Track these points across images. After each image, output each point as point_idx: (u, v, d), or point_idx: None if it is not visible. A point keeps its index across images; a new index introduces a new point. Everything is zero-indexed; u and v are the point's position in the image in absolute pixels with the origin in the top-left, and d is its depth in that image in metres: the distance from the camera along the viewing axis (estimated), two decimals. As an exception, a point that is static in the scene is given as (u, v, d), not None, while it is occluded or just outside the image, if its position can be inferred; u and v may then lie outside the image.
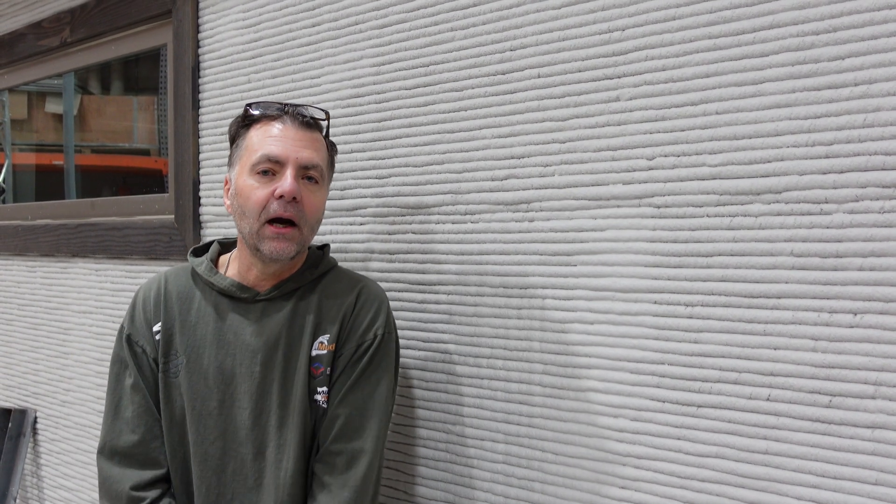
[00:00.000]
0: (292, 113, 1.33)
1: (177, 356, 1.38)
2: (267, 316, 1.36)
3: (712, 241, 1.14)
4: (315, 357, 1.35)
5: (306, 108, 1.36)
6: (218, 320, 1.37)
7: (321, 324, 1.36)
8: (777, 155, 1.08)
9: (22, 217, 2.67)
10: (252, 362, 1.35)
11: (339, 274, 1.42)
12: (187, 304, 1.40)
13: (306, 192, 1.31)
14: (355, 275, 1.44)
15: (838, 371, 1.04)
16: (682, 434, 1.18)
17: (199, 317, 1.38)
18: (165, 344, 1.39)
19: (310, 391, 1.34)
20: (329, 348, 1.35)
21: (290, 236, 1.31)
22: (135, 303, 1.44)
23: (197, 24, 1.96)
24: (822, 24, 1.05)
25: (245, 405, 1.35)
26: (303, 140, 1.32)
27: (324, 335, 1.36)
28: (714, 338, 1.14)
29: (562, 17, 1.29)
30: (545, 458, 1.34)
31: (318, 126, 1.36)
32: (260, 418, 1.34)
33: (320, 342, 1.35)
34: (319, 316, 1.36)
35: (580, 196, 1.28)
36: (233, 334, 1.36)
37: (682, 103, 1.17)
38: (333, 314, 1.36)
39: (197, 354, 1.37)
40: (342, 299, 1.37)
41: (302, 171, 1.31)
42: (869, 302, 1.01)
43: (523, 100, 1.34)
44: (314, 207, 1.33)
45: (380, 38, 1.56)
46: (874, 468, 1.01)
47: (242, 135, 1.36)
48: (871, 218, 1.01)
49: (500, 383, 1.39)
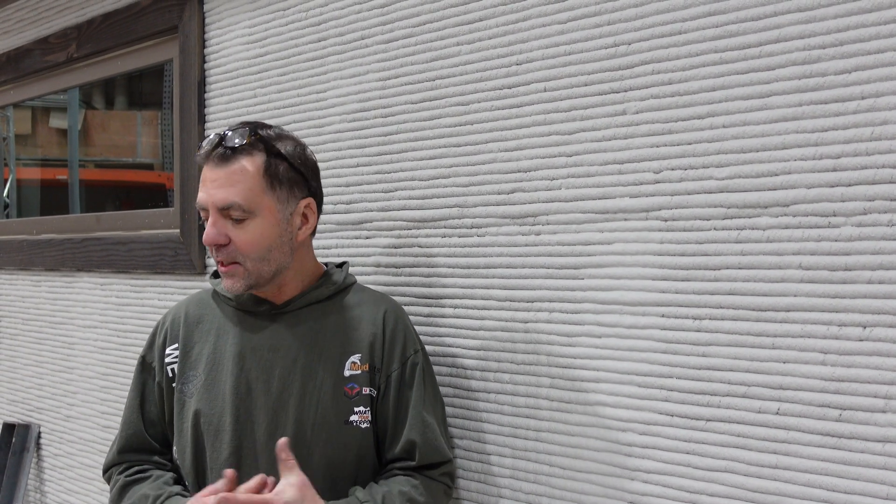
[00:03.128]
0: (210, 148, 1.30)
1: (195, 376, 1.37)
2: (285, 330, 1.36)
3: (720, 254, 1.14)
4: (350, 378, 1.33)
5: (226, 138, 1.30)
6: (237, 336, 1.37)
7: (349, 343, 1.35)
8: (784, 168, 1.08)
9: (27, 231, 2.67)
10: (269, 377, 1.34)
11: (360, 291, 1.42)
12: (207, 323, 1.40)
13: (234, 232, 1.29)
14: (376, 292, 1.44)
15: (848, 385, 1.03)
16: (691, 448, 1.17)
17: (219, 334, 1.38)
18: (182, 365, 1.39)
19: (343, 412, 1.32)
20: (363, 368, 1.34)
21: (234, 273, 1.31)
22: (155, 330, 1.46)
23: (203, 40, 1.97)
24: (828, 38, 1.05)
25: (261, 420, 1.33)
26: (218, 179, 1.29)
27: (354, 355, 1.34)
28: (722, 351, 1.14)
29: (568, 31, 1.30)
30: (553, 472, 1.33)
31: (244, 152, 1.29)
32: (275, 435, 1.31)
33: (353, 362, 1.34)
34: (347, 334, 1.35)
35: (587, 209, 1.28)
36: (250, 350, 1.35)
37: (689, 116, 1.17)
38: (362, 333, 1.35)
39: (216, 371, 1.36)
40: (369, 318, 1.37)
41: (223, 212, 1.29)
42: (878, 315, 1.01)
43: (529, 113, 1.35)
44: (247, 243, 1.29)
45: (386, 52, 1.56)
46: (885, 482, 1.01)
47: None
48: (879, 231, 1.01)
49: (506, 397, 1.39)
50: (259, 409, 1.33)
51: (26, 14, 2.57)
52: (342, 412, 1.32)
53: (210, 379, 1.36)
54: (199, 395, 1.36)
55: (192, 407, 1.36)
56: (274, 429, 1.32)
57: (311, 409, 1.32)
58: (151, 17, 2.11)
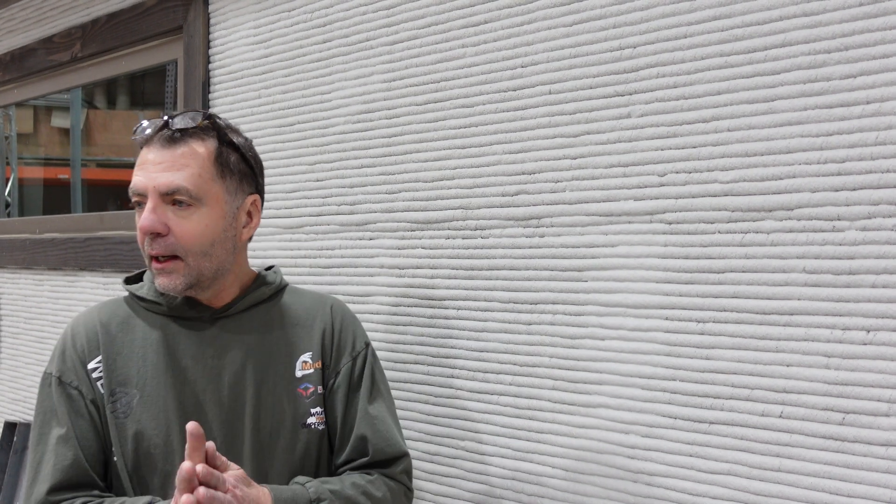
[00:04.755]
0: (157, 129, 1.17)
1: (125, 393, 1.19)
2: (227, 335, 1.23)
3: (724, 257, 1.14)
4: (302, 378, 1.24)
5: (176, 118, 1.18)
6: (169, 346, 1.21)
7: (298, 341, 1.26)
8: (789, 172, 1.09)
9: (30, 230, 2.67)
10: (218, 387, 1.20)
11: (297, 291, 1.33)
12: (130, 333, 1.22)
13: (176, 221, 1.15)
14: (313, 291, 1.36)
15: (851, 388, 1.04)
16: (694, 451, 1.17)
17: (147, 345, 1.21)
18: (109, 382, 1.19)
19: (299, 414, 1.23)
20: (315, 366, 1.26)
21: (172, 269, 1.17)
22: (63, 344, 1.23)
23: (208, 40, 1.98)
24: (833, 43, 1.05)
25: (215, 435, 1.19)
26: (164, 161, 1.15)
27: (305, 354, 1.26)
28: (726, 354, 1.14)
29: (573, 34, 1.30)
30: (555, 474, 1.33)
31: (194, 135, 1.18)
32: (233, 447, 1.19)
33: (303, 361, 1.25)
34: (295, 333, 1.26)
35: (591, 212, 1.28)
36: (191, 359, 1.21)
37: (694, 120, 1.17)
38: (311, 330, 1.27)
39: (150, 387, 1.19)
40: (316, 314, 1.29)
41: (165, 198, 1.15)
42: (882, 319, 1.01)
43: (534, 116, 1.35)
44: (189, 234, 1.16)
45: (391, 54, 1.57)
46: (888, 486, 1.01)
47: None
48: (883, 235, 1.02)
49: (509, 398, 1.39)
50: (212, 423, 1.19)
51: (31, 13, 2.57)
52: (299, 415, 1.23)
53: (146, 396, 1.19)
54: (137, 414, 1.18)
55: (131, 428, 1.17)
56: (231, 441, 1.19)
57: (267, 415, 1.21)
58: (156, 18, 2.12)
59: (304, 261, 1.73)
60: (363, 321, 1.62)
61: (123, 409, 1.19)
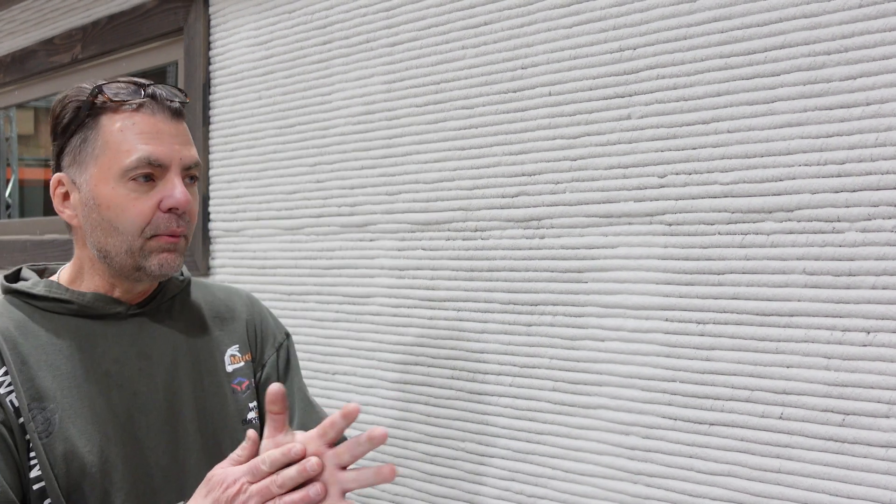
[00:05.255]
0: (160, 98, 1.06)
1: (42, 409, 1.00)
2: (147, 332, 1.09)
3: (724, 258, 1.15)
4: (234, 372, 1.16)
5: (168, 90, 1.08)
6: (83, 350, 1.05)
7: (222, 335, 1.17)
8: (789, 174, 1.09)
9: (30, 232, 2.68)
10: (151, 389, 1.07)
11: (203, 284, 1.23)
12: (32, 340, 1.03)
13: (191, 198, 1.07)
14: (222, 284, 1.28)
15: (851, 389, 1.04)
16: (694, 452, 1.17)
17: (55, 352, 1.03)
18: (20, 397, 0.99)
19: (240, 410, 1.14)
20: (245, 359, 1.17)
21: (180, 247, 1.07)
22: None
23: (208, 42, 1.98)
24: (833, 45, 1.06)
25: (154, 444, 1.05)
26: (180, 135, 1.07)
27: (231, 347, 1.17)
28: (726, 355, 1.14)
29: (573, 35, 1.30)
30: (555, 475, 1.33)
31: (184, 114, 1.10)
32: (178, 452, 1.07)
33: (232, 355, 1.16)
34: (216, 327, 1.17)
35: (591, 213, 1.28)
36: (113, 362, 1.06)
37: (694, 122, 1.17)
38: (232, 323, 1.19)
39: (71, 398, 1.02)
40: (234, 307, 1.21)
41: (185, 173, 1.07)
42: (882, 320, 1.02)
43: (534, 117, 1.35)
44: (195, 212, 1.08)
45: (391, 55, 1.57)
46: (889, 487, 1.01)
47: (91, 125, 1.04)
48: (883, 237, 1.02)
49: (508, 400, 1.39)
50: (150, 428, 1.06)
51: (31, 15, 2.58)
52: (240, 411, 1.14)
53: (68, 410, 1.01)
54: (62, 432, 1.00)
55: (58, 448, 0.99)
56: (175, 446, 1.07)
57: (210, 414, 1.11)
58: (157, 19, 2.12)
59: (304, 262, 1.73)
60: (363, 322, 1.62)
61: (43, 427, 1.00)
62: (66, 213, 1.08)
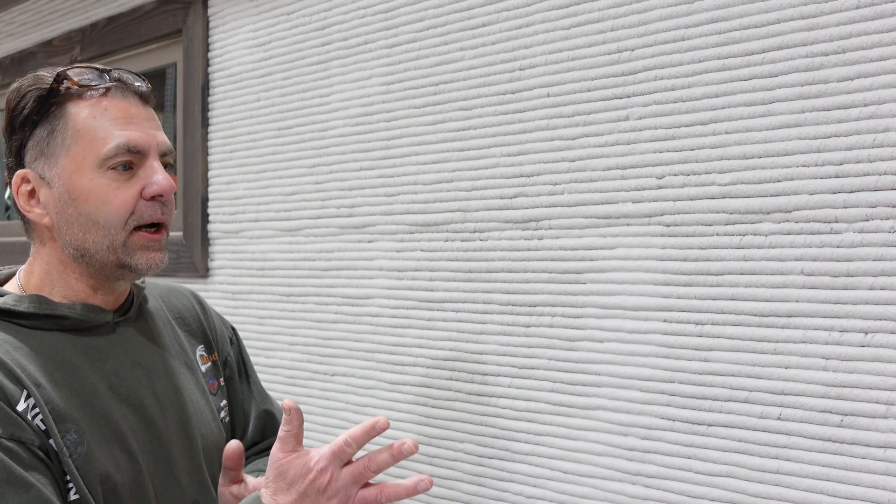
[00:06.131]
0: (127, 81, 1.00)
1: (68, 430, 0.93)
2: (130, 340, 1.04)
3: (722, 259, 1.15)
4: (206, 372, 1.13)
5: (131, 74, 1.01)
6: (77, 366, 0.97)
7: (188, 336, 1.14)
8: (787, 174, 1.09)
9: (29, 233, 2.67)
10: (157, 399, 1.02)
11: (150, 283, 1.17)
12: (32, 360, 0.95)
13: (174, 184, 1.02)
14: (163, 282, 1.23)
15: (850, 390, 1.04)
16: (692, 453, 1.17)
17: (53, 371, 0.95)
18: (47, 419, 0.91)
19: (216, 410, 1.12)
20: (212, 358, 1.15)
21: (163, 244, 1.01)
22: None
23: (207, 43, 1.98)
24: (830, 45, 1.06)
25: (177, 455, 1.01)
26: (152, 119, 1.01)
27: (198, 347, 1.14)
28: (724, 356, 1.14)
29: (571, 36, 1.31)
30: (553, 476, 1.33)
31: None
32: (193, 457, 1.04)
33: (201, 355, 1.13)
34: (181, 328, 1.14)
35: (589, 214, 1.29)
36: (113, 375, 0.99)
37: (692, 122, 1.17)
38: (191, 323, 1.15)
39: (88, 416, 0.95)
40: (188, 305, 1.17)
41: (161, 158, 1.01)
42: (880, 321, 1.02)
43: (533, 119, 1.35)
44: (173, 201, 1.03)
45: (389, 56, 1.57)
46: (887, 488, 1.01)
47: (57, 115, 0.97)
48: (881, 237, 1.02)
49: (507, 401, 1.39)
50: (169, 439, 1.02)
51: (30, 17, 2.58)
52: (216, 411, 1.12)
53: (90, 427, 0.94)
54: (90, 452, 0.93)
55: (93, 470, 0.92)
56: (189, 452, 1.04)
57: (203, 417, 1.09)
58: (155, 21, 2.12)
59: (303, 263, 1.74)
60: (362, 323, 1.63)
61: (73, 448, 0.93)
62: (35, 213, 0.99)
